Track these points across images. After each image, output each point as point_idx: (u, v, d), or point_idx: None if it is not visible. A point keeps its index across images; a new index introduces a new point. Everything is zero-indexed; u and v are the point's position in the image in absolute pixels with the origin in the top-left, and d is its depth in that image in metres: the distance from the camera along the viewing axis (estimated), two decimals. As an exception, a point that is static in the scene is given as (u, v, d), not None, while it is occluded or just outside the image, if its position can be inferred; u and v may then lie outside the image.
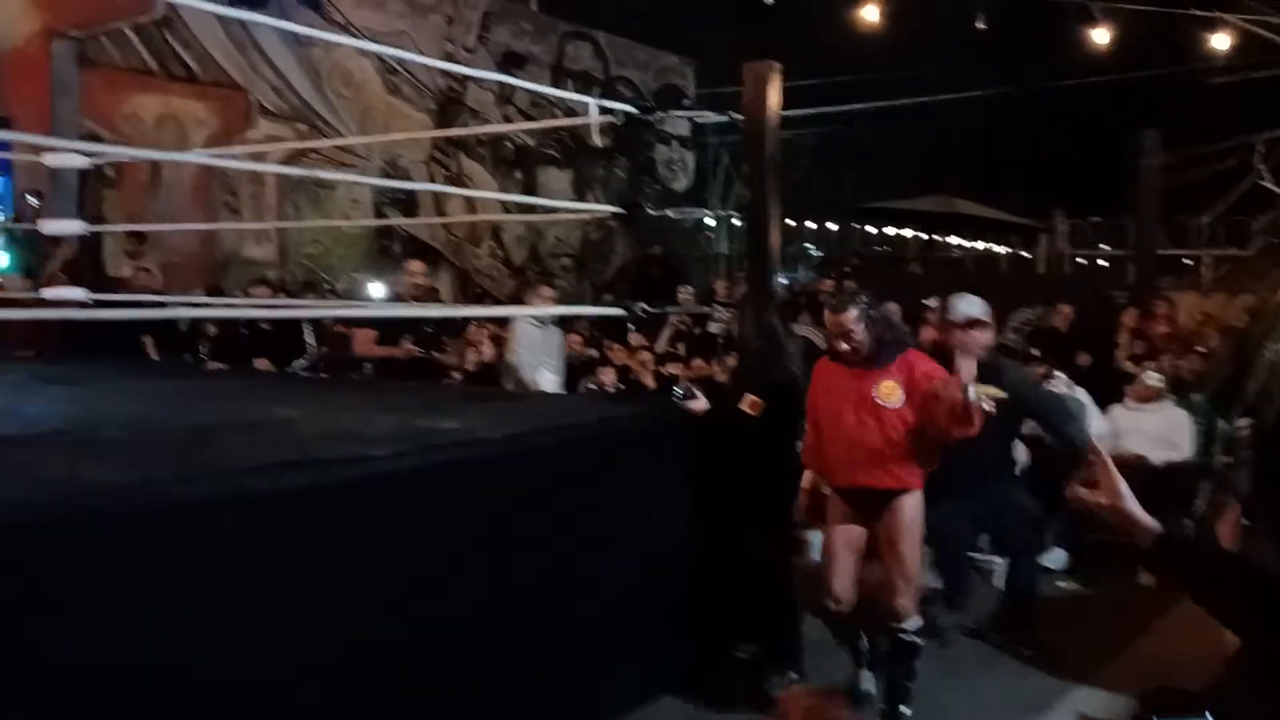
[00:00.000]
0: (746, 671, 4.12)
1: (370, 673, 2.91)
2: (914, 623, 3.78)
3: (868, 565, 3.97)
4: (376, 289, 11.92)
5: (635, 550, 3.84)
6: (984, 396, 3.62)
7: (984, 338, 4.29)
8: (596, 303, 7.32)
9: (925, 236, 19.87)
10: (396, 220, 12.55)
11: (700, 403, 4.19)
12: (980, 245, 20.11)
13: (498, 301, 12.37)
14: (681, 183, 16.75)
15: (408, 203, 12.83)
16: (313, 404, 4.63)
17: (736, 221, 16.45)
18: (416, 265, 6.45)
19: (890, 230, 19.94)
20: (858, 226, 19.58)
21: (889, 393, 3.71)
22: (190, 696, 2.47)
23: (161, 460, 3.10)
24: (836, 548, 3.91)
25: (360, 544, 2.92)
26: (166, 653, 2.43)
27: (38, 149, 5.83)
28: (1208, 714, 1.44)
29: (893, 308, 10.54)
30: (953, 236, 19.86)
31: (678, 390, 4.52)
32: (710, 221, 16.64)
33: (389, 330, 5.86)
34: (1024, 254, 18.50)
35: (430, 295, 6.40)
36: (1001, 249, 19.84)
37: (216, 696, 2.53)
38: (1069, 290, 10.16)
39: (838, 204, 17.59)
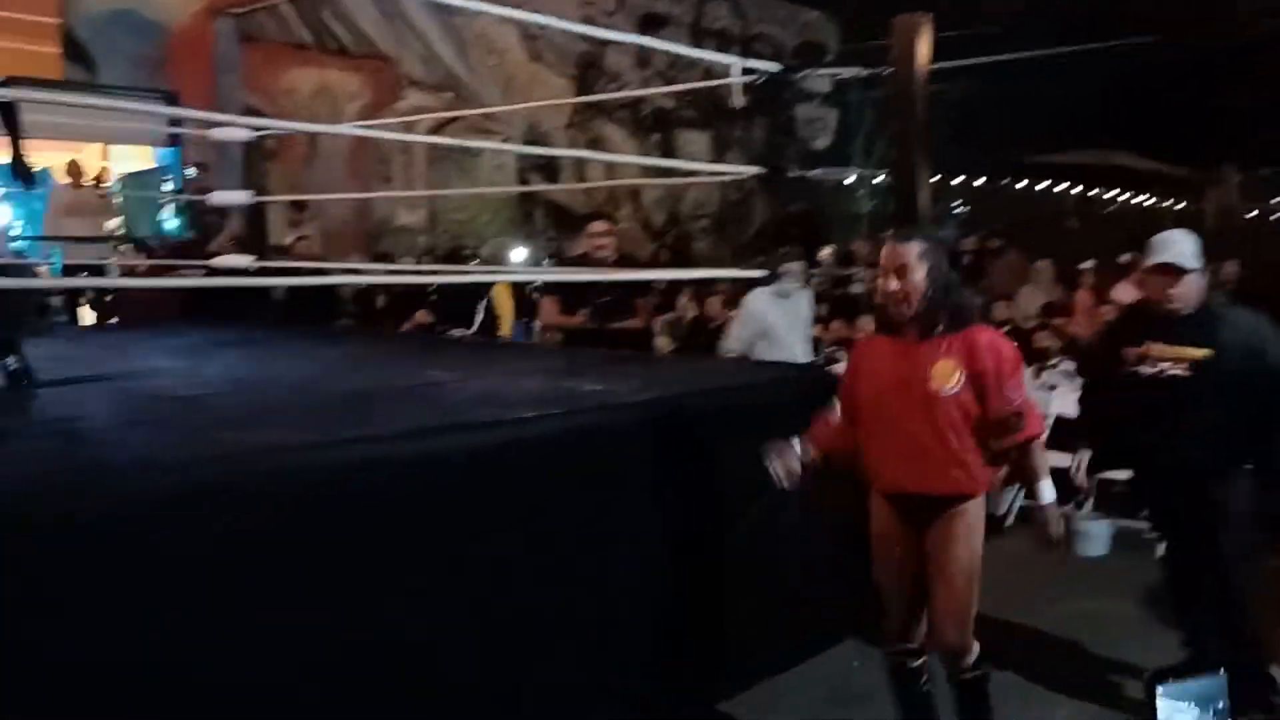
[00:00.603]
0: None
1: (532, 632, 3.00)
2: (974, 654, 3.05)
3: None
4: (519, 254, 12.19)
5: (785, 511, 3.82)
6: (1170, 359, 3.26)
7: (1182, 288, 3.47)
8: (737, 264, 7.29)
9: (1082, 192, 19.03)
10: (539, 186, 12.75)
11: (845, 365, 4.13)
12: (1142, 200, 19.15)
13: (637, 264, 12.43)
14: (823, 141, 16.45)
15: (549, 168, 13.01)
16: (464, 368, 4.77)
17: (878, 180, 16.08)
18: (599, 225, 5.61)
19: (1043, 186, 19.15)
20: (1008, 182, 18.86)
21: (945, 375, 2.92)
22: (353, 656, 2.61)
23: (322, 422, 3.25)
24: (888, 573, 3.14)
25: (505, 505, 3.00)
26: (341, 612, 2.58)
27: (205, 123, 6.17)
28: (1222, 670, 1.36)
29: (1043, 265, 10.18)
30: (1112, 191, 18.96)
31: (822, 353, 4.47)
32: (851, 180, 16.31)
33: (572, 297, 5.45)
34: (1191, 208, 17.53)
35: (615, 257, 5.61)
36: (1166, 203, 18.84)
37: (385, 658, 2.66)
38: (1239, 246, 9.59)
39: (987, 159, 16.96)
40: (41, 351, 4.40)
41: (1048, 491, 2.97)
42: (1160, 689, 2.74)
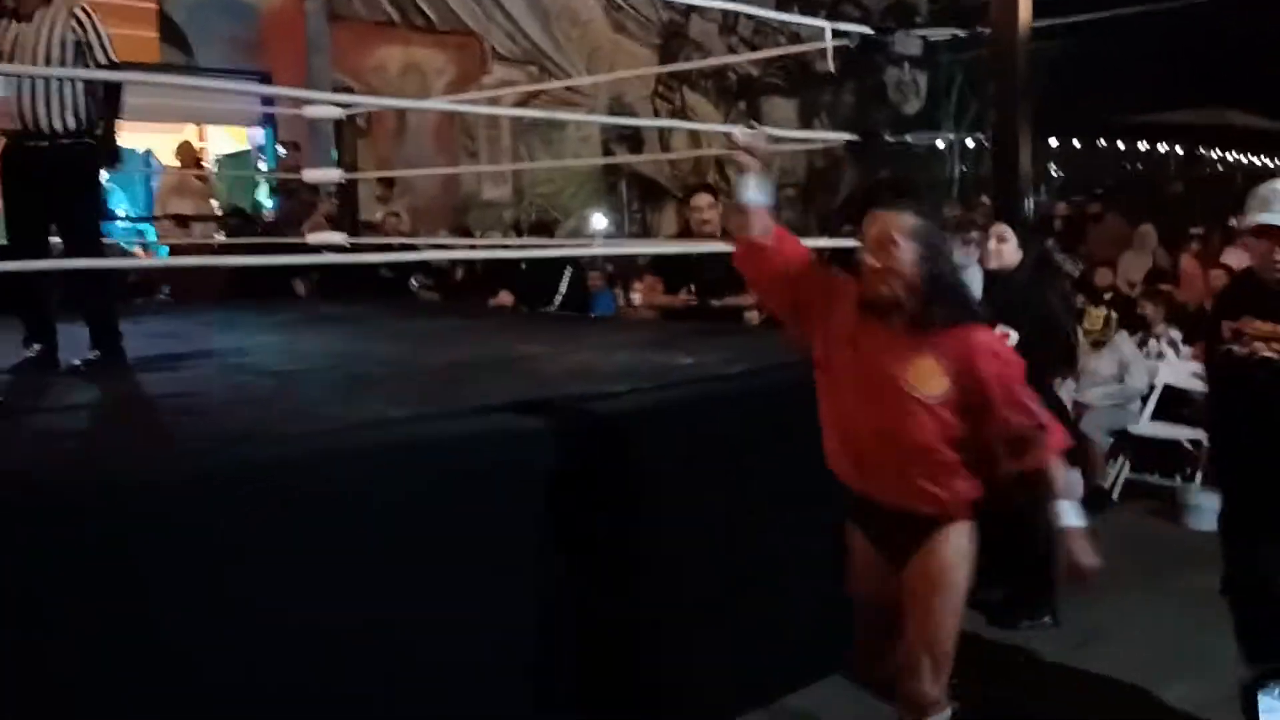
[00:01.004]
0: (995, 616, 4.00)
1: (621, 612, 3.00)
2: (946, 713, 2.56)
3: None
4: (599, 220, 12.20)
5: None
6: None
7: None
8: (824, 234, 7.16)
9: (1187, 153, 18.29)
10: (623, 158, 12.70)
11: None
12: (1254, 160, 18.34)
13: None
14: (913, 105, 16.07)
15: (633, 139, 12.96)
16: (556, 342, 4.78)
17: (970, 144, 15.66)
18: (703, 199, 5.27)
19: (1144, 147, 18.46)
20: (1107, 144, 18.22)
21: (925, 377, 2.41)
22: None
23: (421, 395, 3.29)
24: (857, 590, 2.70)
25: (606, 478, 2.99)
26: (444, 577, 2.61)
27: (298, 102, 6.27)
28: None
29: (1145, 230, 9.81)
30: (1219, 150, 18.20)
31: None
32: (941, 144, 15.92)
33: (675, 275, 5.32)
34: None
35: (720, 231, 5.20)
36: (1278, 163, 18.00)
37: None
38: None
39: (1084, 120, 16.40)
40: (143, 329, 4.55)
41: (1071, 513, 2.45)
42: (1263, 692, 2.61)
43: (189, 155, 8.86)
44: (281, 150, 9.61)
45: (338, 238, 5.13)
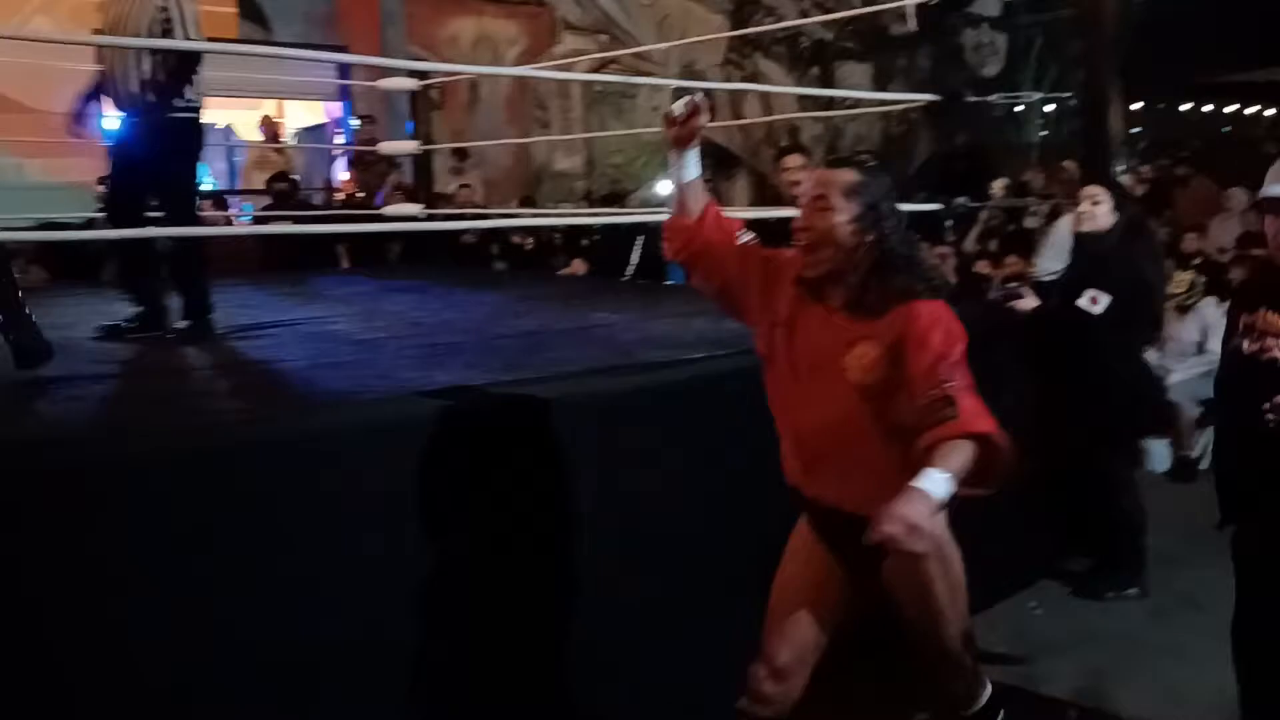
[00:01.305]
0: (1081, 587, 3.93)
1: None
2: (985, 694, 2.39)
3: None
4: (664, 186, 12.14)
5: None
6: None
7: None
8: (901, 200, 7.03)
9: (1278, 113, 17.58)
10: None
11: (1029, 301, 3.94)
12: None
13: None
14: (992, 68, 15.67)
15: (705, 107, 12.87)
16: (628, 310, 4.79)
17: (1050, 107, 15.22)
18: (794, 159, 5.08)
19: (1233, 108, 17.79)
20: (1194, 104, 17.60)
21: (863, 363, 2.11)
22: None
23: (499, 362, 3.32)
24: (784, 593, 2.37)
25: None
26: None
27: (375, 75, 6.33)
28: None
29: (1236, 193, 9.44)
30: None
31: (999, 289, 4.28)
32: (1020, 108, 15.49)
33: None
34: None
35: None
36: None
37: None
38: None
39: (1171, 80, 15.83)
40: (221, 300, 4.66)
41: (937, 481, 1.90)
42: None
43: (269, 129, 9.02)
44: (356, 123, 9.74)
45: (413, 209, 5.18)
